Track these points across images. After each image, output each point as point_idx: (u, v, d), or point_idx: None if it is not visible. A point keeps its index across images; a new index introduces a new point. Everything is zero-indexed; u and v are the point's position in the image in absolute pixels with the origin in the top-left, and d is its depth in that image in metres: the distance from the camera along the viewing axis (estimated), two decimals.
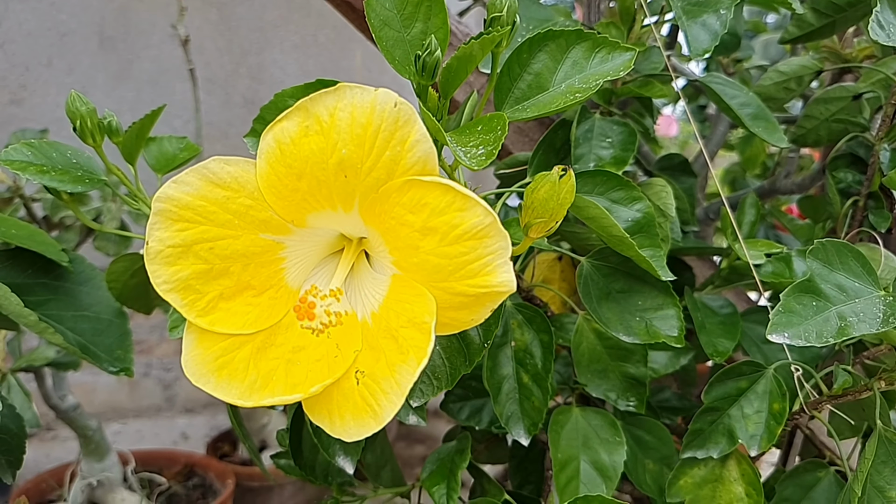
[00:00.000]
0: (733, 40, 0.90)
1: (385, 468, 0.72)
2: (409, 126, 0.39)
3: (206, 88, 1.84)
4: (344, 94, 0.39)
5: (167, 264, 0.42)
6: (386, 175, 0.40)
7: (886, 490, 0.53)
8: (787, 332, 0.48)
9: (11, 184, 1.08)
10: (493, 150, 0.43)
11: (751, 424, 0.60)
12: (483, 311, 0.41)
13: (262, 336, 0.45)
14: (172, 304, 0.43)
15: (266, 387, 0.43)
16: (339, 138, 0.39)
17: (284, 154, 0.40)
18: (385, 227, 0.42)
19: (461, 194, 0.38)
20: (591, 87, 0.49)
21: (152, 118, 0.58)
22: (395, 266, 0.43)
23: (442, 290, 0.40)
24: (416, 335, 0.40)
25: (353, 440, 0.42)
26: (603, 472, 0.62)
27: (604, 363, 0.65)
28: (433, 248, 0.39)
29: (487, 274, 0.38)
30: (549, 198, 0.46)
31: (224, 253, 0.43)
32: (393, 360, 0.41)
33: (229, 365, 0.44)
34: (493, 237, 0.38)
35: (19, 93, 1.70)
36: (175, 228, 0.42)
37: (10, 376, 1.04)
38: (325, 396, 0.42)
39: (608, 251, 0.60)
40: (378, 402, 0.41)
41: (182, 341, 0.44)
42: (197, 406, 2.03)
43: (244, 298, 0.45)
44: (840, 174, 0.76)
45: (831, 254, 0.52)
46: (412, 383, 0.39)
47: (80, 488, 1.17)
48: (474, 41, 0.45)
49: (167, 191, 0.42)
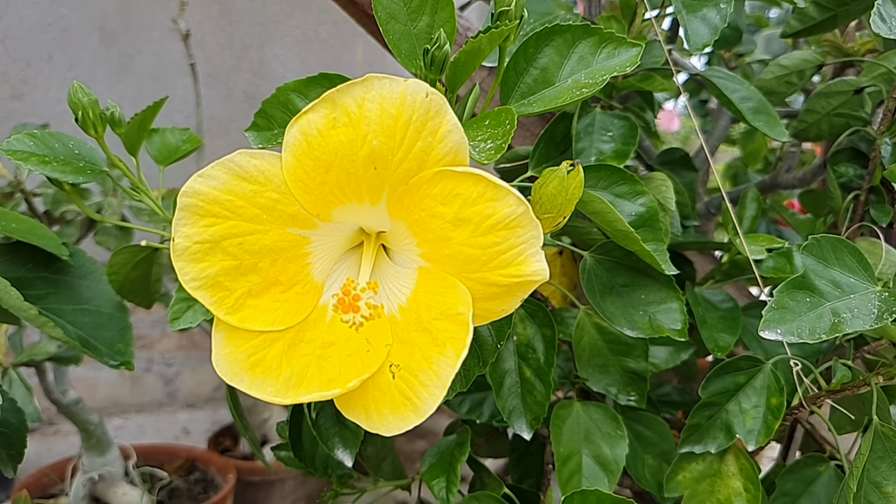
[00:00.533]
0: (734, 34, 0.89)
1: (385, 461, 0.72)
2: (441, 116, 0.39)
3: (207, 83, 1.83)
4: (372, 84, 0.39)
5: (194, 261, 0.41)
6: (417, 166, 0.39)
7: (883, 485, 0.53)
8: (779, 329, 0.47)
9: (13, 178, 1.08)
10: (502, 144, 0.43)
11: (748, 419, 0.60)
12: (514, 301, 0.41)
13: (292, 332, 0.44)
14: (201, 302, 0.42)
15: (301, 383, 0.43)
16: (370, 130, 0.39)
17: (312, 146, 0.40)
18: (414, 219, 0.41)
19: (493, 184, 0.38)
20: (597, 83, 0.49)
21: (154, 109, 0.58)
22: (423, 258, 0.43)
23: (475, 281, 0.40)
24: (450, 327, 0.40)
25: (391, 434, 0.41)
26: (605, 465, 0.62)
27: (605, 358, 0.65)
28: (466, 239, 0.39)
29: (520, 263, 0.38)
30: (558, 193, 0.46)
31: (253, 248, 0.42)
32: (429, 352, 0.41)
33: (262, 363, 0.43)
34: (525, 226, 0.38)
35: (20, 88, 1.70)
36: (202, 224, 0.41)
37: (11, 371, 1.05)
38: (361, 392, 0.42)
39: (611, 245, 0.60)
40: (418, 395, 0.40)
41: (213, 340, 0.43)
42: (198, 401, 2.03)
43: (272, 294, 0.44)
44: (841, 168, 0.76)
45: (826, 250, 0.51)
46: (453, 375, 0.39)
47: (81, 482, 1.17)
48: (482, 35, 0.45)
49: (193, 185, 0.40)
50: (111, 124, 0.56)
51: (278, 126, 0.54)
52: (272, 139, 0.53)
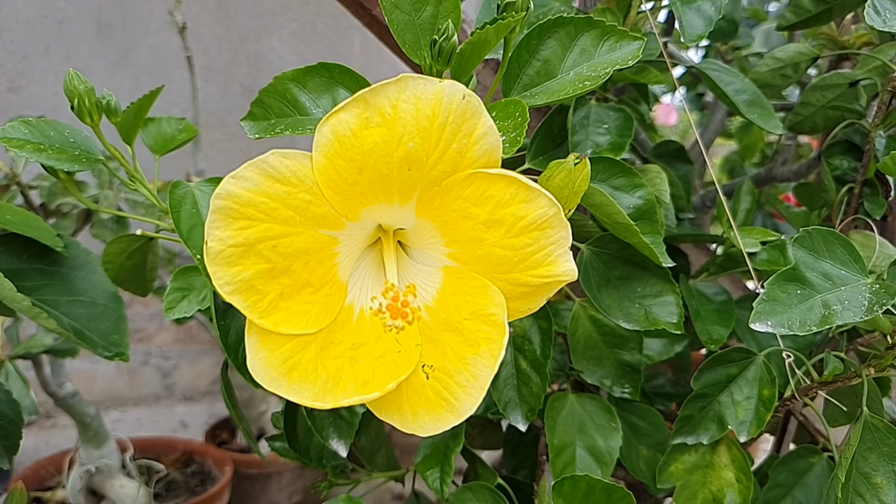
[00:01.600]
0: (730, 27, 0.89)
1: (379, 452, 0.72)
2: (476, 118, 0.38)
3: (204, 76, 1.83)
4: (407, 84, 0.38)
5: (228, 265, 0.40)
6: (451, 168, 0.39)
7: (872, 476, 0.54)
8: (770, 321, 0.48)
9: (8, 171, 1.08)
10: (517, 138, 0.43)
11: (740, 411, 0.61)
12: (541, 300, 0.42)
13: (323, 335, 0.44)
14: (235, 306, 0.41)
15: (338, 386, 0.42)
16: (405, 131, 0.38)
17: (344, 147, 0.39)
18: (444, 219, 0.41)
19: (525, 185, 0.38)
20: (600, 76, 0.49)
21: (150, 98, 0.58)
22: (450, 258, 0.43)
23: (505, 282, 0.41)
24: (483, 328, 0.40)
25: (428, 434, 0.41)
26: (599, 457, 0.62)
27: (599, 350, 0.65)
28: (498, 241, 0.40)
29: (550, 264, 0.39)
30: (565, 185, 0.46)
31: (287, 251, 0.41)
32: (462, 353, 0.41)
33: (299, 366, 0.42)
34: (556, 227, 0.39)
35: (17, 80, 1.70)
36: (236, 227, 0.39)
37: (8, 363, 1.05)
38: (395, 393, 0.41)
39: (608, 238, 0.60)
40: (455, 396, 0.40)
41: (246, 344, 0.42)
42: (196, 394, 2.04)
43: (303, 297, 0.43)
44: (836, 161, 0.76)
45: (817, 242, 0.52)
46: (492, 376, 0.39)
47: (78, 475, 1.18)
48: (489, 26, 0.45)
49: (227, 187, 0.39)
50: (107, 113, 0.56)
51: (275, 116, 0.54)
52: (269, 129, 0.53)
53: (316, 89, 0.52)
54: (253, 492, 1.51)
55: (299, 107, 0.53)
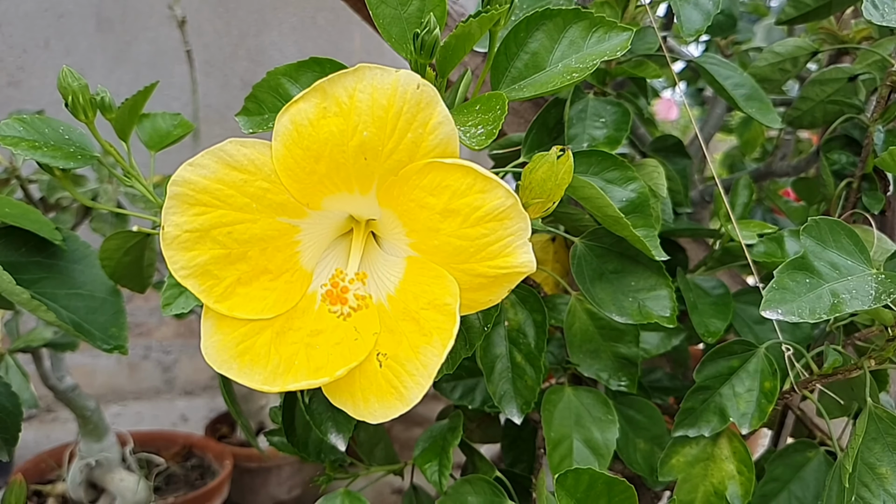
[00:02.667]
0: (728, 21, 0.89)
1: (378, 446, 0.72)
2: (432, 108, 0.38)
3: (204, 71, 1.83)
4: (364, 74, 0.38)
5: (184, 249, 0.41)
6: (407, 157, 0.39)
7: (877, 466, 0.54)
8: (780, 309, 0.48)
9: (8, 165, 1.08)
10: (493, 130, 0.43)
11: (742, 403, 0.61)
12: (501, 292, 0.41)
13: (281, 321, 0.44)
14: (190, 290, 0.42)
15: (289, 371, 0.43)
16: (360, 120, 0.39)
17: (302, 136, 0.40)
18: (403, 209, 0.42)
19: (482, 176, 0.38)
20: (587, 67, 0.49)
21: (145, 94, 0.58)
22: (412, 248, 0.43)
23: (462, 272, 0.40)
24: (438, 317, 0.40)
25: (378, 422, 0.42)
26: (595, 450, 0.62)
27: (596, 343, 0.66)
28: (454, 231, 0.39)
29: (508, 255, 0.39)
30: (547, 178, 0.46)
31: (242, 237, 0.42)
32: (416, 342, 0.41)
33: (251, 350, 0.43)
34: (513, 218, 0.38)
35: (16, 75, 1.70)
36: (192, 213, 0.41)
37: (7, 357, 1.05)
38: (348, 380, 0.42)
39: (602, 232, 0.60)
40: (404, 384, 0.41)
41: (202, 327, 0.43)
42: (196, 388, 2.04)
43: (261, 283, 0.44)
44: (834, 156, 0.76)
45: (825, 232, 0.52)
46: (439, 365, 0.39)
47: (78, 468, 1.18)
48: (472, 19, 0.45)
49: (183, 174, 0.40)
50: (101, 109, 0.56)
51: (269, 111, 0.54)
52: (262, 124, 0.53)
53: (308, 83, 0.52)
54: (253, 486, 1.51)
55: None
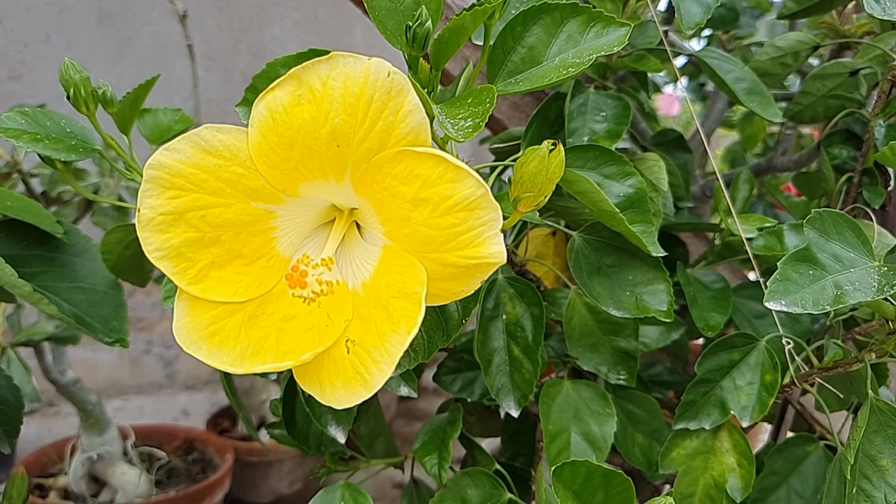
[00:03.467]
0: (730, 15, 0.89)
1: (378, 439, 0.73)
2: (402, 96, 0.39)
3: (205, 65, 1.83)
4: (337, 63, 0.39)
5: (159, 232, 0.42)
6: (378, 145, 0.40)
7: (878, 458, 0.54)
8: (784, 300, 0.48)
9: (10, 159, 1.08)
10: (480, 123, 0.43)
11: (743, 396, 0.61)
12: (473, 283, 0.41)
13: (254, 305, 0.45)
14: (164, 272, 0.43)
15: (257, 354, 0.43)
16: (332, 108, 0.39)
17: (276, 123, 0.40)
18: (377, 197, 0.42)
19: (453, 165, 0.38)
20: (584, 62, 0.48)
21: (146, 88, 0.59)
22: (386, 237, 0.43)
23: (433, 261, 0.41)
24: (406, 305, 0.41)
25: (343, 407, 0.42)
26: (593, 443, 0.62)
27: (595, 337, 0.66)
28: (424, 219, 0.39)
29: (478, 245, 0.39)
30: (539, 172, 0.46)
31: (216, 221, 0.43)
32: (383, 329, 0.41)
33: (220, 332, 0.44)
34: (484, 209, 0.38)
35: (18, 69, 1.70)
36: (167, 196, 0.42)
37: (9, 350, 1.05)
38: (316, 365, 0.43)
39: (600, 226, 0.60)
40: (368, 370, 0.41)
41: (175, 309, 0.44)
42: (198, 383, 2.04)
43: (235, 267, 0.45)
44: (835, 150, 0.76)
45: (828, 224, 0.52)
46: (402, 352, 0.40)
47: (80, 462, 1.19)
48: (466, 13, 0.45)
49: (159, 158, 0.41)
50: (103, 103, 0.56)
51: None
52: None
53: None
54: (254, 479, 1.52)
55: None
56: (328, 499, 0.60)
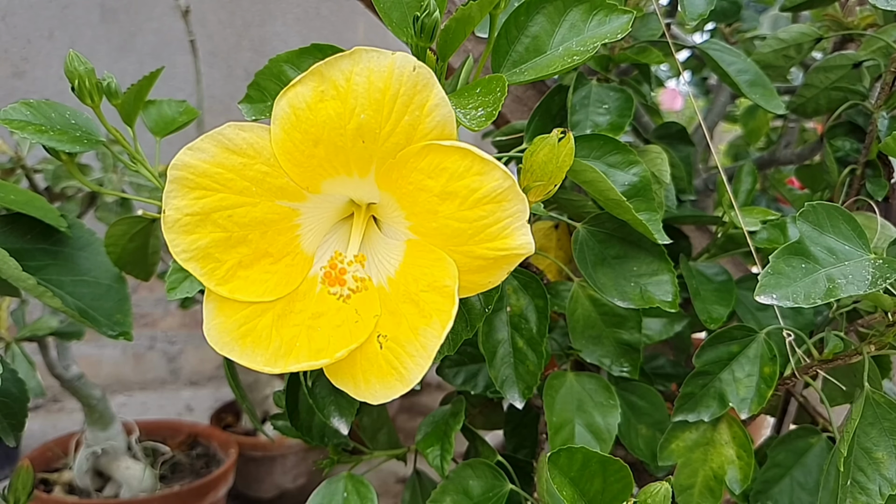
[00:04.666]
0: (732, 7, 0.89)
1: (381, 431, 0.73)
2: (428, 90, 0.39)
3: (208, 61, 1.83)
4: (360, 57, 0.39)
5: (185, 233, 0.42)
6: (404, 140, 0.40)
7: (873, 451, 0.54)
8: (775, 294, 0.48)
9: (13, 154, 1.08)
10: (492, 112, 0.43)
11: (741, 388, 0.61)
12: (500, 274, 0.41)
13: (282, 303, 0.45)
14: (192, 273, 0.42)
15: (290, 353, 0.43)
16: (357, 103, 0.39)
17: (300, 120, 0.40)
18: (402, 192, 0.42)
19: (480, 158, 0.38)
20: (588, 50, 0.48)
21: (151, 80, 0.59)
22: (411, 231, 0.43)
23: (461, 254, 0.41)
24: (437, 299, 0.41)
25: (378, 402, 0.42)
26: (597, 434, 0.63)
27: (598, 329, 0.66)
28: (453, 213, 0.40)
29: (506, 237, 0.39)
30: (548, 161, 0.46)
31: (242, 221, 0.43)
32: (416, 323, 0.41)
33: (252, 332, 0.43)
34: (511, 200, 0.38)
35: (21, 65, 1.70)
36: (192, 196, 0.41)
37: (14, 345, 1.06)
38: (349, 361, 0.43)
39: (604, 217, 0.60)
40: (404, 364, 0.41)
41: (203, 310, 0.44)
42: (201, 379, 2.05)
43: (262, 266, 0.44)
44: (838, 143, 0.75)
45: (822, 217, 0.52)
46: (438, 346, 0.40)
47: (84, 456, 1.19)
48: (473, 2, 0.45)
49: (183, 158, 0.41)
50: (107, 95, 0.56)
51: (271, 98, 0.54)
52: (265, 111, 0.53)
53: None
54: (257, 474, 1.52)
55: None
56: (331, 490, 0.61)
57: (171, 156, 0.66)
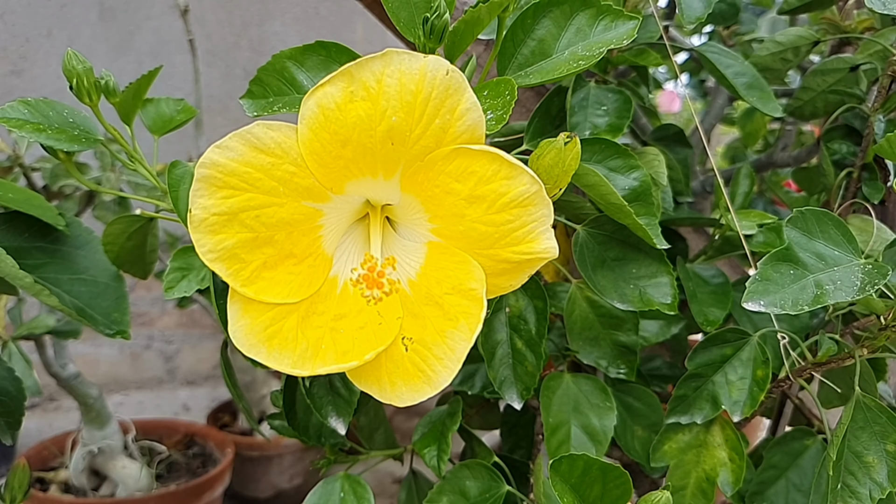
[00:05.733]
0: (731, 10, 0.89)
1: (378, 431, 0.73)
2: (460, 94, 0.39)
3: (207, 61, 1.83)
4: (391, 59, 0.39)
5: (212, 233, 0.41)
6: (434, 143, 0.40)
7: (864, 455, 0.54)
8: (762, 300, 0.48)
9: (11, 153, 1.08)
10: (503, 115, 0.44)
11: (734, 391, 0.61)
12: (523, 277, 0.42)
13: (305, 305, 0.44)
14: (218, 273, 0.42)
15: (317, 355, 0.43)
16: (389, 105, 0.39)
17: (329, 120, 0.39)
18: (427, 194, 0.42)
19: (508, 162, 0.38)
20: (594, 55, 0.49)
21: (149, 79, 0.59)
22: (434, 234, 0.43)
23: (486, 258, 0.41)
24: (463, 302, 0.41)
25: (405, 405, 0.42)
26: (593, 436, 0.63)
27: (595, 331, 0.66)
28: (480, 216, 0.40)
29: (532, 241, 0.39)
30: (555, 164, 0.47)
31: (270, 221, 0.42)
32: (441, 326, 0.41)
33: (279, 334, 0.43)
34: (537, 205, 0.39)
35: (19, 64, 1.70)
36: (220, 196, 0.40)
37: (11, 344, 1.06)
38: (374, 364, 0.42)
39: (604, 219, 0.60)
40: (432, 367, 0.41)
41: (229, 311, 0.43)
42: (198, 378, 2.05)
43: (286, 267, 0.44)
44: (835, 145, 0.76)
45: (811, 222, 0.52)
46: (467, 349, 0.40)
47: (81, 455, 1.19)
48: (482, 5, 0.45)
49: (211, 156, 0.40)
50: (105, 93, 0.56)
51: (274, 94, 0.54)
52: (267, 107, 0.53)
53: (314, 67, 0.53)
54: (254, 474, 1.52)
55: (297, 85, 0.53)
56: (328, 489, 0.61)
57: (169, 154, 0.67)
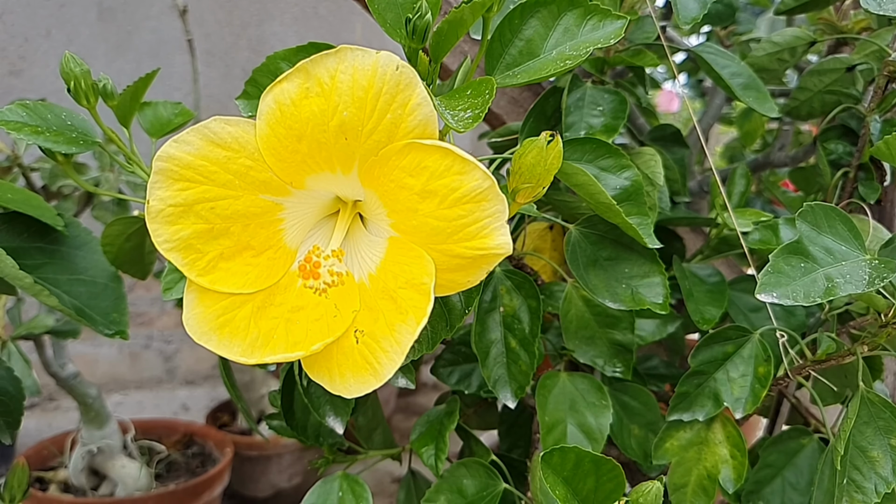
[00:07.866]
0: (727, 11, 0.89)
1: (376, 430, 0.73)
2: (411, 89, 0.39)
3: (205, 61, 1.83)
4: (345, 56, 0.39)
5: (168, 223, 0.43)
6: (386, 138, 0.40)
7: (868, 450, 0.55)
8: (775, 292, 0.48)
9: (10, 153, 1.08)
10: (479, 114, 0.44)
11: (736, 388, 0.61)
12: (479, 273, 0.42)
13: (262, 296, 0.45)
14: (174, 263, 0.43)
15: (267, 345, 0.44)
16: (340, 101, 0.39)
17: (285, 116, 0.41)
18: (384, 189, 0.42)
19: (460, 157, 0.38)
20: (581, 55, 0.49)
21: (146, 81, 0.59)
22: (392, 228, 0.44)
23: (440, 253, 0.41)
24: (414, 296, 0.41)
25: (352, 396, 0.43)
26: (589, 434, 0.63)
27: (591, 330, 0.66)
28: (432, 211, 0.40)
29: (485, 237, 0.39)
30: (537, 163, 0.47)
31: (225, 213, 0.44)
32: (392, 320, 0.42)
33: (231, 323, 0.44)
34: (490, 200, 0.39)
35: (18, 64, 1.70)
36: (176, 188, 0.42)
37: (10, 344, 1.06)
38: (325, 355, 0.43)
39: (596, 219, 0.61)
40: (378, 360, 0.42)
41: (183, 304, 0.45)
42: (197, 378, 2.05)
43: (244, 258, 0.45)
44: (831, 145, 0.76)
45: (820, 217, 0.52)
46: (412, 342, 0.40)
47: (80, 455, 1.19)
48: (465, 5, 0.45)
49: (168, 150, 0.41)
50: (103, 96, 0.56)
51: None
52: None
53: None
54: (253, 473, 1.52)
55: None
56: (326, 489, 0.61)
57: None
